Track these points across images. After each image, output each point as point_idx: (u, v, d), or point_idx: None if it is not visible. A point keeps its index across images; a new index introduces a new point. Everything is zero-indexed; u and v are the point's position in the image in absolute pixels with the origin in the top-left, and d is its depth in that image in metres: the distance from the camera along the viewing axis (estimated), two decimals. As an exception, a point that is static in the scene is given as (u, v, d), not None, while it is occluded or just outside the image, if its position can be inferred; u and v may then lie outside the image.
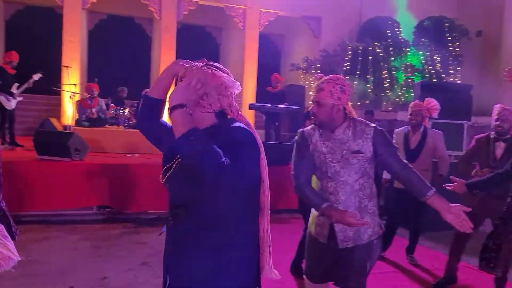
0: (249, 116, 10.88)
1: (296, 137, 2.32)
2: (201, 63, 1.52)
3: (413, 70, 10.26)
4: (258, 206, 1.56)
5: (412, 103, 4.49)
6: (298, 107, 8.32)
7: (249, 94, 10.88)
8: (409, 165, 2.19)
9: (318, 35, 11.51)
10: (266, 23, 11.19)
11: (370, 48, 10.50)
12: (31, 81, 7.25)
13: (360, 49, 10.55)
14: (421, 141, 4.33)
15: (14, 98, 7.17)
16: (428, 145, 4.33)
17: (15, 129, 7.56)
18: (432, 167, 4.44)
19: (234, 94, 1.53)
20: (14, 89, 7.14)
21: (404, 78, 10.35)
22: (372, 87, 10.39)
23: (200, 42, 13.17)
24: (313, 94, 2.17)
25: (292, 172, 2.29)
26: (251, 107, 8.03)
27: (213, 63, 1.54)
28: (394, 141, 4.43)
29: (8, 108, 7.14)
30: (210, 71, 1.48)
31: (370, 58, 10.44)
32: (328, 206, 2.13)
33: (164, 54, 10.45)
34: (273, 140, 7.89)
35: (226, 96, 1.50)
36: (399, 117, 8.93)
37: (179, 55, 10.74)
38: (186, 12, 10.48)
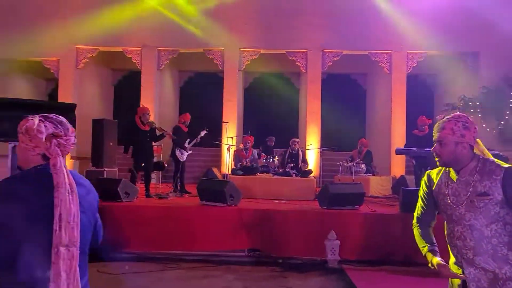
0: (399, 161, 10.40)
1: (424, 177, 2.28)
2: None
3: None
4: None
5: None
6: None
7: (398, 139, 10.46)
8: None
9: (476, 70, 10.56)
10: (415, 64, 10.82)
11: (544, 80, 9.14)
12: (198, 137, 8.44)
13: (530, 82, 9.27)
14: None
15: (186, 151, 8.43)
16: None
17: (185, 178, 8.80)
18: None
19: (43, 139, 1.64)
20: (186, 144, 8.41)
21: None
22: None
23: (345, 89, 13.38)
24: (435, 134, 2.11)
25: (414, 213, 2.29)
26: (397, 151, 7.71)
27: (48, 115, 1.72)
28: None
29: (181, 160, 8.40)
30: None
31: (544, 90, 9.06)
32: (429, 250, 2.10)
33: (310, 104, 10.97)
34: (425, 186, 7.33)
35: (37, 140, 1.64)
36: None
37: (325, 103, 11.13)
38: (330, 63, 10.92)
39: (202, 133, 8.45)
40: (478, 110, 9.77)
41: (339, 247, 5.71)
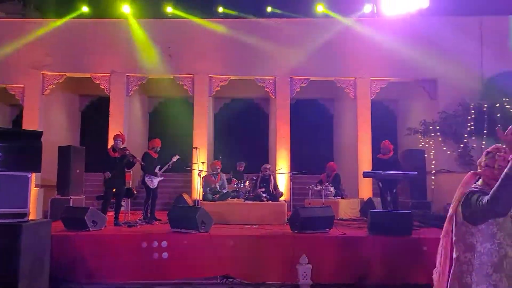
0: (366, 183, 10.69)
1: None
2: None
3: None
4: None
5: None
6: (416, 173, 7.95)
7: (365, 162, 10.77)
8: None
9: (434, 96, 11.12)
10: (378, 91, 11.27)
11: (498, 105, 9.73)
12: (170, 162, 8.37)
13: (485, 107, 9.85)
14: None
15: (157, 177, 8.32)
16: None
17: (156, 205, 8.66)
18: None
19: None
20: (157, 170, 8.32)
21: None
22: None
23: (313, 114, 13.69)
24: None
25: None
26: (365, 175, 7.94)
27: None
28: None
29: (152, 187, 8.29)
30: None
31: (498, 115, 9.64)
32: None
33: (280, 129, 11.17)
34: (391, 208, 7.57)
35: None
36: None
37: (294, 127, 11.36)
38: (298, 89, 11.22)
39: (174, 159, 8.39)
40: (438, 134, 10.25)
41: (311, 271, 5.76)
